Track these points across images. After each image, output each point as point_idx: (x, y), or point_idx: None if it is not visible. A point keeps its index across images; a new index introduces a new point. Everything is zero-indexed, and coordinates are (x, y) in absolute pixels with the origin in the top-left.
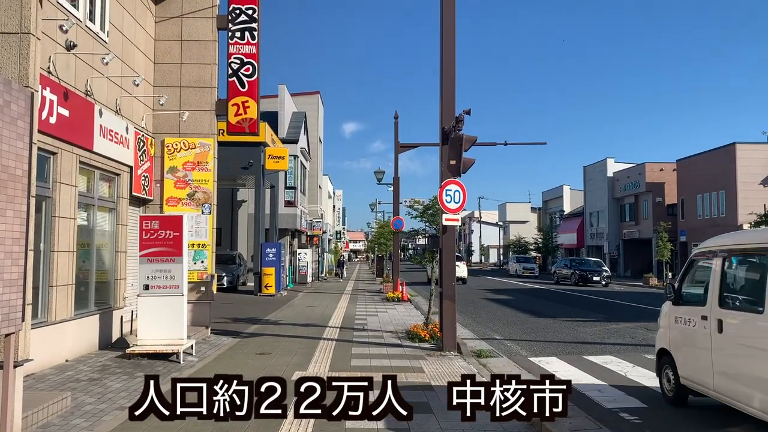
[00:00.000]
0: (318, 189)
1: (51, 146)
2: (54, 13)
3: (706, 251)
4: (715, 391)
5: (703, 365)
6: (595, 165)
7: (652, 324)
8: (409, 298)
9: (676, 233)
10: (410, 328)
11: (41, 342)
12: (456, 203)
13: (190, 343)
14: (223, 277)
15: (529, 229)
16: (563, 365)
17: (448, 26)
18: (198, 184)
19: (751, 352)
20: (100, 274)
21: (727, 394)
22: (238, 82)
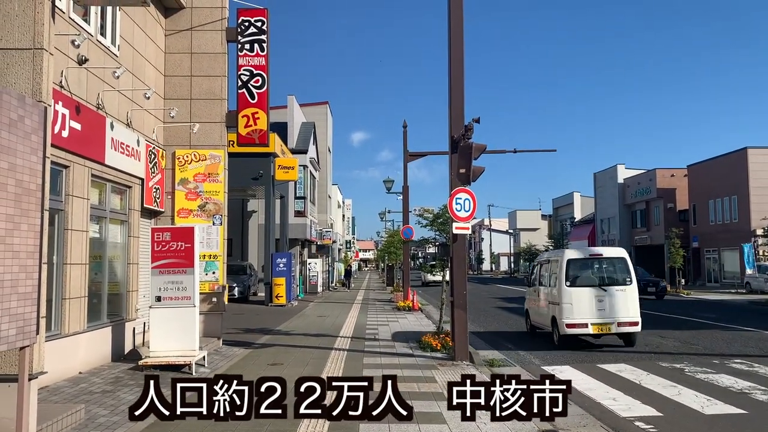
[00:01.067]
0: (327, 199)
1: (63, 160)
2: (66, 29)
3: (538, 261)
4: (537, 323)
5: (534, 313)
6: (606, 171)
7: (666, 331)
8: (420, 307)
9: (688, 239)
10: (422, 338)
11: (55, 354)
12: (466, 212)
13: (202, 355)
14: (234, 287)
15: (540, 236)
16: (577, 374)
17: (456, 37)
18: (209, 196)
19: (545, 304)
20: (113, 286)
21: (539, 324)
22: (248, 94)
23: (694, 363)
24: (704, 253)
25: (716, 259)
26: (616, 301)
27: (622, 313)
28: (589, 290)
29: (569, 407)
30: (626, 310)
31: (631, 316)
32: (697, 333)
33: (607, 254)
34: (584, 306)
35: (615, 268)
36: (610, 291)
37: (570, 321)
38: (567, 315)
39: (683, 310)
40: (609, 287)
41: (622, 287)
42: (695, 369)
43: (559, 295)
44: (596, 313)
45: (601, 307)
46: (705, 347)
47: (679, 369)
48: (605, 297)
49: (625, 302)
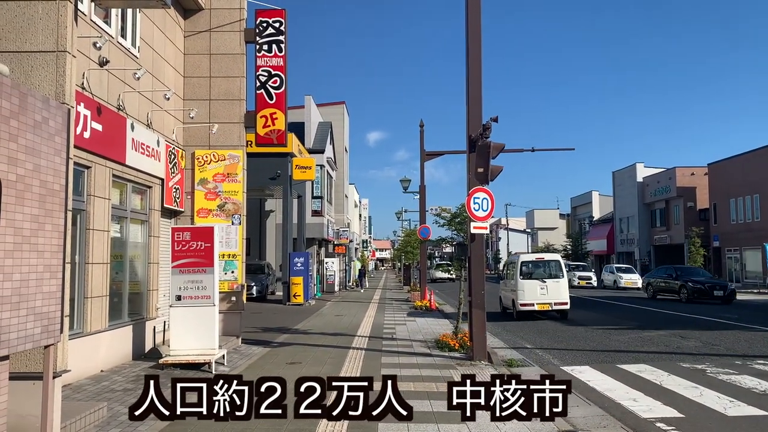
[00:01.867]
0: (344, 198)
1: (85, 160)
2: (88, 31)
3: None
4: (506, 305)
5: (504, 298)
6: (624, 170)
7: (687, 332)
8: (437, 306)
9: (708, 238)
10: (439, 338)
11: (77, 353)
12: (484, 211)
13: (221, 353)
14: (253, 286)
15: (558, 235)
16: (596, 374)
17: (473, 34)
18: (228, 196)
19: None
20: (133, 285)
21: (506, 305)
22: (266, 94)
23: (716, 364)
24: (725, 253)
25: (737, 258)
26: (552, 289)
27: (557, 297)
28: (535, 282)
29: (589, 407)
30: (559, 295)
31: (563, 299)
32: (719, 333)
33: (547, 258)
34: (532, 292)
35: (552, 267)
36: (549, 282)
37: (522, 302)
38: (521, 298)
39: (704, 311)
40: (548, 280)
41: (557, 280)
42: (717, 370)
43: (516, 285)
44: (540, 297)
45: (543, 293)
46: (727, 348)
47: (701, 370)
48: (545, 286)
49: (559, 290)
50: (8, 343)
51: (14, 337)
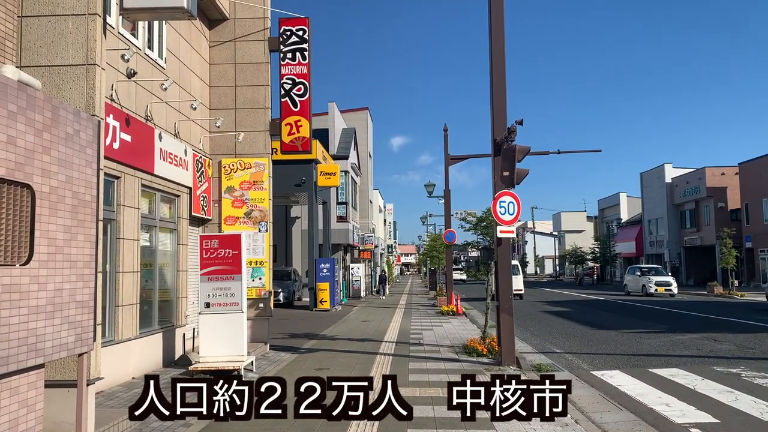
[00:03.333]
0: (369, 204)
1: (115, 171)
2: (116, 44)
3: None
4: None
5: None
6: (653, 171)
7: (720, 335)
8: (463, 311)
9: (740, 239)
10: (467, 343)
11: (109, 360)
12: (510, 215)
13: (250, 360)
14: (280, 293)
15: (585, 238)
16: (628, 378)
17: (497, 38)
18: (254, 203)
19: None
20: (163, 293)
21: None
22: (291, 102)
23: (752, 368)
24: (758, 254)
25: None
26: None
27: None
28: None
29: (621, 413)
30: (517, 284)
31: (519, 289)
32: (753, 336)
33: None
34: None
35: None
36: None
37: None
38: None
39: (737, 313)
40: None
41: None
42: (753, 374)
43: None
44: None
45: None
46: (762, 351)
47: (736, 374)
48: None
49: (516, 282)
50: (44, 351)
51: (49, 346)
